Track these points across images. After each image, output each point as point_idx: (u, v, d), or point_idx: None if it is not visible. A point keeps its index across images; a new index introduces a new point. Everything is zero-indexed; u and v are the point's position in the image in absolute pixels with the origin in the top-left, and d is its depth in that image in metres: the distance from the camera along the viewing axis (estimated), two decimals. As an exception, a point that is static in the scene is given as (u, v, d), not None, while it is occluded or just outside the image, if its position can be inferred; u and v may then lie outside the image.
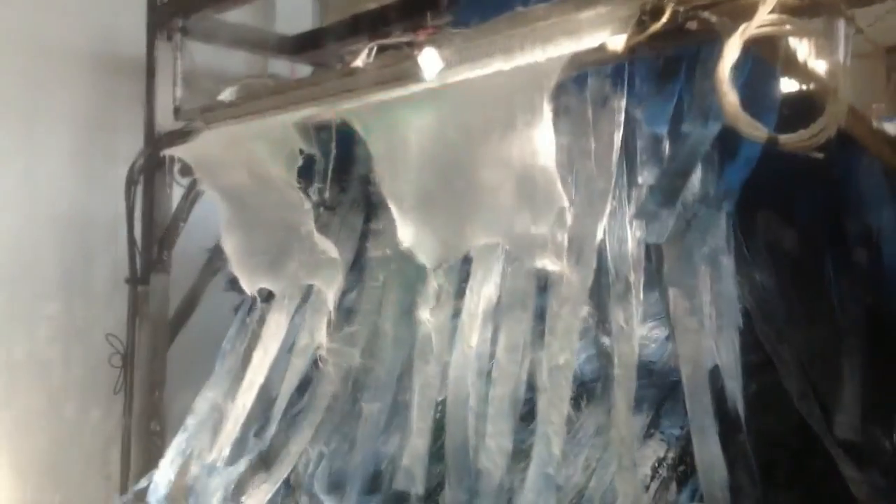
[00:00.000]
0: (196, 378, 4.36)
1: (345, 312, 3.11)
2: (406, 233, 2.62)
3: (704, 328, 2.36)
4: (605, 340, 2.46)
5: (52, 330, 4.19)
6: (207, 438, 3.27)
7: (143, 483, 3.35)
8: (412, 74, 2.49)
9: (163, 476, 3.25)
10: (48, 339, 4.18)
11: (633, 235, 2.41)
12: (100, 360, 4.12)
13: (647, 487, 2.32)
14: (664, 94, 2.36)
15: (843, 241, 2.52)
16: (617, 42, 2.11)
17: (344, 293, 3.05)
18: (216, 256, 3.99)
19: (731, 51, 1.93)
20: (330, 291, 2.97)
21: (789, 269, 2.57)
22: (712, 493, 2.27)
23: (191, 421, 3.35)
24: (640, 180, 2.41)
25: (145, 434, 3.88)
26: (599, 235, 2.38)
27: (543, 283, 2.53)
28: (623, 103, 2.39)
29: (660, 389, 2.55)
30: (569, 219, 2.27)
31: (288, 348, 3.23)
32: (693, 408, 2.33)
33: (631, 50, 2.13)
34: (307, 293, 3.18)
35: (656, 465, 2.37)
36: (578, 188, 2.42)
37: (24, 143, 4.04)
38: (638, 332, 2.39)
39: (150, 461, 3.65)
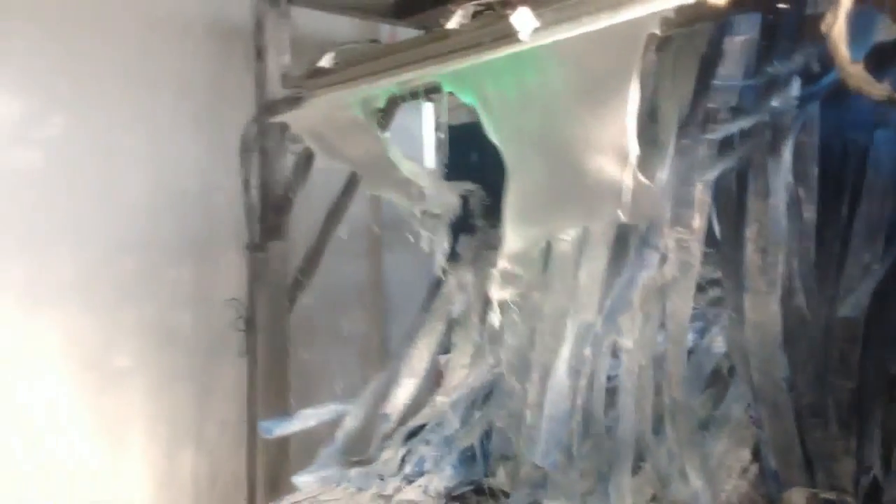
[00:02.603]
0: (318, 341, 4.45)
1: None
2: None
3: (776, 290, 2.18)
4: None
5: (179, 295, 4.30)
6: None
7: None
8: (507, 35, 2.40)
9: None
10: (176, 304, 4.28)
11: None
12: (226, 325, 4.20)
13: (747, 470, 2.19)
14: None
15: None
16: (718, -4, 1.97)
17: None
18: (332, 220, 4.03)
19: (847, 2, 1.78)
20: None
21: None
22: (789, 472, 2.17)
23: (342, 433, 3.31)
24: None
25: (272, 398, 3.95)
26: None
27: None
28: None
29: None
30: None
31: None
32: (763, 384, 2.19)
33: (736, 4, 2.00)
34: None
35: (755, 449, 2.22)
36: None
37: (146, 112, 4.12)
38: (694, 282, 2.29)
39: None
